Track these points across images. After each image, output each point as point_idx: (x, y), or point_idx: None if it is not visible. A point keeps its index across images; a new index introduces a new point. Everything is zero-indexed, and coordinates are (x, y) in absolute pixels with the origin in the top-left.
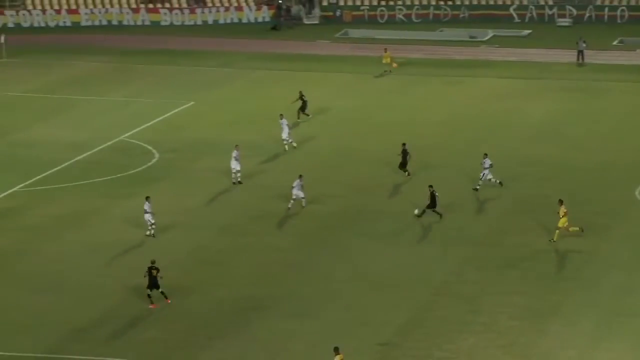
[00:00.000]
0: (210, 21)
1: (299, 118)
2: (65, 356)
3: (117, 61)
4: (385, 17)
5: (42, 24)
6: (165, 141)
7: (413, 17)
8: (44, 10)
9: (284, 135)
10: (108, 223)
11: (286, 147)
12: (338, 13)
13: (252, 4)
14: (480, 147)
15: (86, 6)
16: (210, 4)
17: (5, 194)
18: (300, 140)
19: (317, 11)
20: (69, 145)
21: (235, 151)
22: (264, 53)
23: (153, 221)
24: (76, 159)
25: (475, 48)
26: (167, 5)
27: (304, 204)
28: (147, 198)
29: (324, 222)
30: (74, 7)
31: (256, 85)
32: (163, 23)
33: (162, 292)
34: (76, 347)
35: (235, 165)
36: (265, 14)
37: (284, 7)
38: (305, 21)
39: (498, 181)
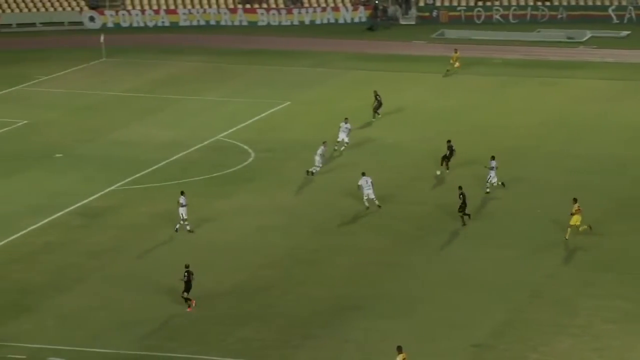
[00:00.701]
0: (307, 21)
1: (374, 118)
2: (161, 354)
3: (214, 61)
4: (482, 17)
5: (141, 24)
6: (261, 141)
7: (510, 17)
8: (143, 11)
9: (341, 137)
10: (205, 222)
11: (337, 147)
12: (435, 13)
13: (348, 4)
14: (575, 147)
15: (184, 6)
16: (307, 5)
17: (103, 192)
18: (394, 141)
19: (413, 12)
20: (165, 145)
21: (322, 147)
22: (359, 53)
23: (186, 216)
24: (173, 158)
25: (572, 49)
26: (265, 5)
27: (377, 202)
28: (182, 192)
29: (418, 223)
30: (172, 7)
31: (351, 85)
32: (260, 23)
33: (187, 297)
34: (171, 345)
35: (319, 162)
36: (361, 14)
37: (381, 7)
38: (402, 22)
39: (501, 182)
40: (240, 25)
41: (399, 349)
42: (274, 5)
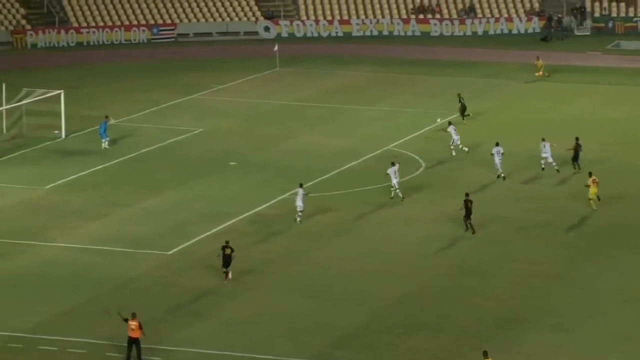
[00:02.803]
0: (479, 32)
1: (463, 120)
2: None
3: (385, 71)
4: None
5: (315, 34)
6: (432, 151)
7: None
8: (317, 21)
9: (456, 140)
10: (374, 231)
11: (453, 152)
12: (610, 24)
13: (522, 15)
14: None
15: (358, 17)
16: (480, 15)
17: (275, 200)
18: (564, 154)
19: (588, 23)
20: (336, 154)
21: (498, 147)
22: (532, 64)
23: (301, 210)
24: (344, 167)
25: None
26: (438, 16)
27: (399, 193)
28: (301, 185)
29: (584, 232)
30: (345, 17)
31: (523, 96)
32: (433, 34)
33: (225, 271)
34: (339, 354)
35: (497, 162)
36: (535, 25)
37: (556, 18)
38: (577, 32)
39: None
40: (412, 36)
41: (485, 354)
42: (447, 16)
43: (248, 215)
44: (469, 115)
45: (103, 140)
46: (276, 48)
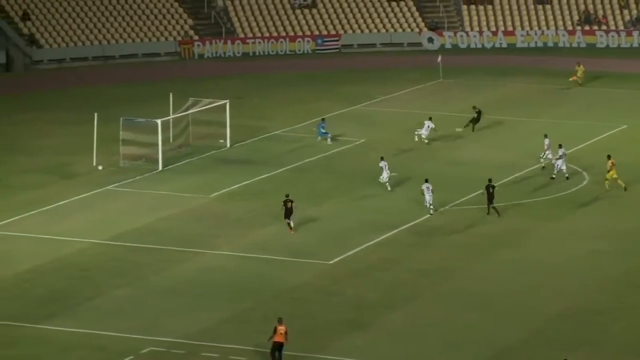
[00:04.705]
0: None
1: (472, 130)
2: None
3: (549, 82)
4: None
5: (479, 45)
6: (596, 164)
7: None
8: (480, 32)
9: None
10: (537, 244)
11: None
12: None
13: None
14: None
15: (522, 28)
16: None
17: (438, 211)
18: None
19: None
20: (499, 165)
21: (561, 150)
22: None
23: (430, 203)
24: (506, 179)
25: None
26: (604, 27)
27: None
28: (427, 180)
29: None
30: (510, 28)
31: None
32: (599, 45)
33: (288, 222)
34: None
35: (558, 162)
36: None
37: None
38: None
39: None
40: (578, 47)
41: None
42: (613, 27)
43: (409, 226)
44: (468, 127)
45: (324, 138)
46: (439, 59)
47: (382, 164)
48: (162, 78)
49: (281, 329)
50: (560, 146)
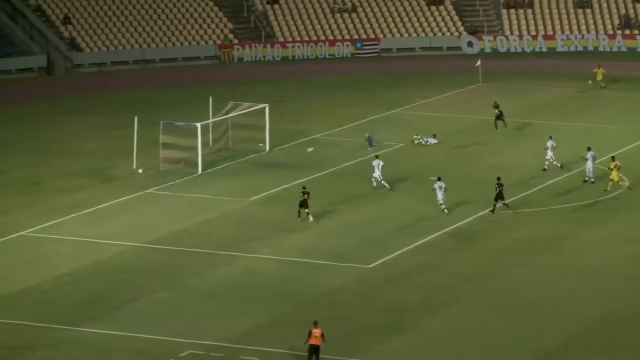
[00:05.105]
0: None
1: (506, 127)
2: None
3: (588, 87)
4: None
5: (518, 49)
6: (636, 169)
7: None
8: (520, 36)
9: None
10: (577, 248)
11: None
12: None
13: None
14: None
15: (562, 32)
16: None
17: (476, 216)
18: None
19: None
20: (538, 170)
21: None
22: None
23: (442, 202)
24: (546, 183)
25: None
26: None
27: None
28: (439, 178)
29: None
30: (550, 32)
31: None
32: (639, 49)
33: (307, 212)
34: None
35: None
36: None
37: None
38: None
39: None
40: (618, 52)
41: None
42: None
43: (448, 230)
44: (499, 125)
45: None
46: (479, 63)
47: (375, 162)
48: (201, 82)
49: (316, 332)
50: (589, 149)
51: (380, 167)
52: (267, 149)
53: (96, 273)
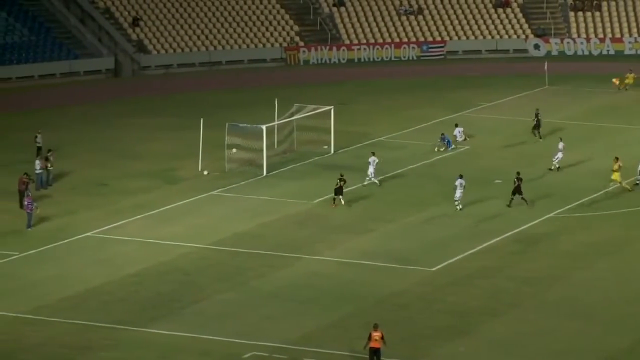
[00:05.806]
0: None
1: (535, 136)
2: None
3: None
4: None
5: (585, 52)
6: None
7: None
8: (588, 39)
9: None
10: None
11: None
12: None
13: None
14: None
15: (630, 34)
16: None
17: (541, 219)
18: None
19: None
20: (603, 173)
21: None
22: None
23: (458, 200)
24: (611, 187)
25: None
26: None
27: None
28: (461, 176)
29: None
30: (618, 35)
31: None
32: None
33: (340, 198)
34: None
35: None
36: None
37: None
38: None
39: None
40: None
41: None
42: None
43: (512, 234)
44: (538, 135)
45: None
46: (546, 66)
47: (371, 159)
48: (267, 84)
49: (376, 335)
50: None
51: (375, 164)
52: (332, 151)
53: (160, 274)
